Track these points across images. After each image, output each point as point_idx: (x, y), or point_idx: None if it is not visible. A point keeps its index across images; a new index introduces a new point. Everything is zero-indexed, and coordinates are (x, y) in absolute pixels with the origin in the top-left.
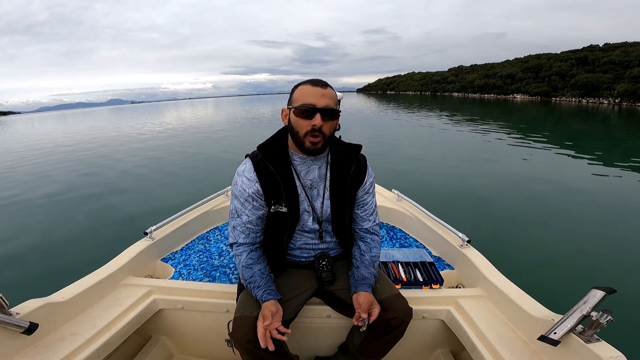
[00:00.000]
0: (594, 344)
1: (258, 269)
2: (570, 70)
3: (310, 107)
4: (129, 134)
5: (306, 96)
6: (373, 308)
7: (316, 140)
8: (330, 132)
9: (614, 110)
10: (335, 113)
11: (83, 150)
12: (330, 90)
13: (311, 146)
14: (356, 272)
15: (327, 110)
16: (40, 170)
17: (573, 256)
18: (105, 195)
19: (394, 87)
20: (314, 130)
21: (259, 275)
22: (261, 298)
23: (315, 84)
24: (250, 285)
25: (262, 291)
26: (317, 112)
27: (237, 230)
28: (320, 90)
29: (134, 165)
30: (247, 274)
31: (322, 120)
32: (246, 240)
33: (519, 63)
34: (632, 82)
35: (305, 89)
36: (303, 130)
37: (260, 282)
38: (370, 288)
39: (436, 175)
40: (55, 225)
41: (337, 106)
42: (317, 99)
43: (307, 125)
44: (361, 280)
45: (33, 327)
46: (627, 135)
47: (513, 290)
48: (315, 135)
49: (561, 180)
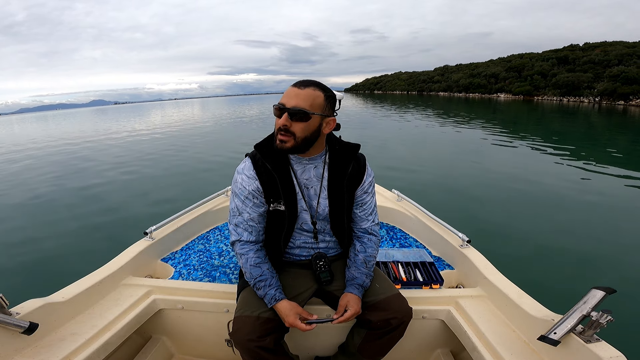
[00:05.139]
0: (594, 344)
1: (267, 267)
2: (551, 70)
3: (280, 106)
4: (120, 134)
5: (283, 96)
6: (348, 308)
7: (284, 139)
8: (305, 134)
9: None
10: (305, 115)
11: (81, 150)
12: (309, 91)
13: (279, 144)
14: (347, 272)
15: (294, 111)
16: (39, 171)
17: (573, 256)
18: (105, 195)
19: (381, 86)
20: (280, 129)
21: (269, 274)
22: (274, 296)
23: (295, 84)
24: (260, 284)
25: (274, 289)
26: (285, 112)
27: (239, 228)
28: (295, 91)
29: (134, 165)
30: (257, 272)
31: (292, 120)
32: (250, 238)
33: (503, 62)
34: (611, 81)
35: (287, 89)
36: (276, 127)
37: (272, 281)
38: (359, 288)
39: (435, 175)
40: (55, 225)
41: (325, 107)
42: (289, 98)
43: (278, 124)
44: (350, 280)
45: (33, 327)
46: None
47: (513, 290)
48: (281, 134)
49: (563, 180)
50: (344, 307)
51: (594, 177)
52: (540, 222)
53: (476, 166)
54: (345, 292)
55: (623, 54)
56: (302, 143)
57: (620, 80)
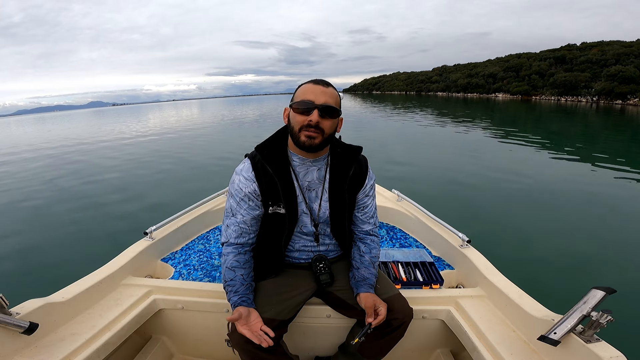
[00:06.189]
0: (594, 344)
1: (241, 273)
2: (549, 69)
3: (308, 103)
4: (121, 135)
5: (306, 93)
6: (379, 307)
7: (313, 134)
8: (331, 131)
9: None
10: (335, 111)
11: (80, 151)
12: (332, 89)
13: (307, 140)
14: (357, 273)
15: (325, 107)
16: (38, 170)
17: (573, 256)
18: (105, 195)
19: (380, 87)
20: (309, 125)
21: (239, 281)
22: (235, 304)
23: (316, 82)
24: (228, 288)
25: (238, 297)
26: (315, 109)
27: (229, 229)
28: (321, 88)
29: (133, 166)
30: (229, 275)
31: (321, 117)
32: (237, 241)
33: (500, 62)
34: (608, 80)
35: (307, 87)
36: (298, 125)
37: (239, 289)
38: (372, 288)
39: (435, 176)
40: (55, 225)
41: (338, 107)
42: (316, 95)
43: (303, 121)
44: (362, 281)
45: (33, 327)
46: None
47: (513, 290)
48: (311, 130)
49: (562, 180)
50: (372, 308)
51: (594, 177)
52: (540, 222)
53: (476, 166)
54: (361, 293)
55: (620, 54)
56: (326, 140)
57: (618, 79)
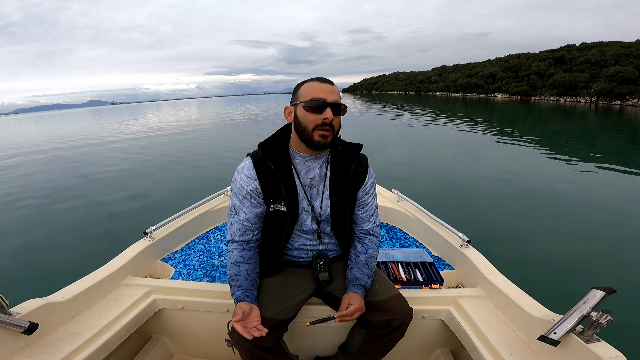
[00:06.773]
0: (594, 344)
1: (245, 268)
2: (548, 70)
3: (322, 101)
4: (122, 134)
5: (315, 92)
6: (352, 305)
7: (326, 133)
8: (338, 127)
9: (591, 108)
10: (344, 108)
11: (79, 150)
12: (336, 88)
13: (321, 140)
14: (349, 273)
15: (336, 105)
16: (38, 170)
17: (573, 256)
18: (105, 195)
19: (379, 86)
20: (324, 124)
21: (244, 276)
22: (238, 298)
23: (322, 80)
24: (232, 283)
25: (242, 292)
26: (328, 107)
27: (234, 227)
28: (329, 87)
29: (133, 165)
30: (234, 271)
31: (332, 114)
32: (242, 238)
33: (500, 63)
34: (607, 80)
35: (314, 85)
36: (312, 124)
37: (243, 283)
38: (361, 288)
39: (435, 175)
40: (55, 225)
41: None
42: (327, 94)
43: (317, 119)
44: (353, 281)
45: (33, 327)
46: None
47: (513, 290)
48: (325, 129)
49: (562, 180)
50: (347, 304)
51: (593, 177)
52: (540, 222)
53: (476, 166)
54: (347, 292)
55: (619, 54)
56: (335, 138)
57: (617, 80)
